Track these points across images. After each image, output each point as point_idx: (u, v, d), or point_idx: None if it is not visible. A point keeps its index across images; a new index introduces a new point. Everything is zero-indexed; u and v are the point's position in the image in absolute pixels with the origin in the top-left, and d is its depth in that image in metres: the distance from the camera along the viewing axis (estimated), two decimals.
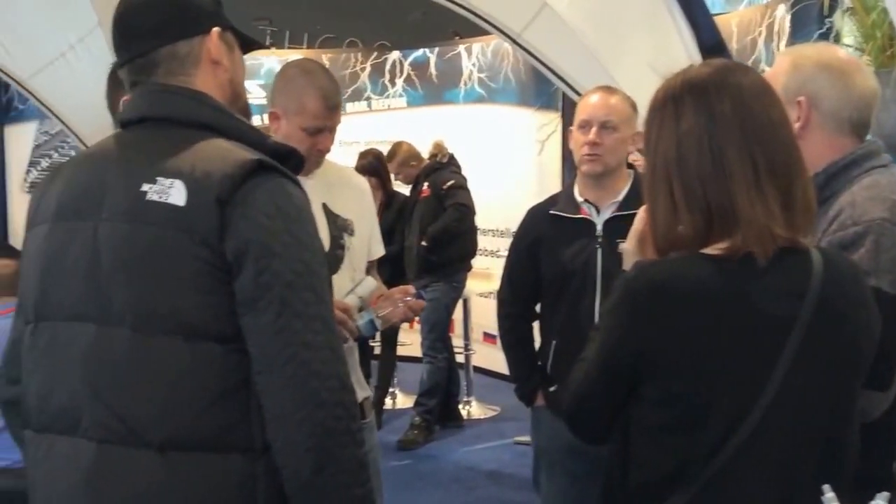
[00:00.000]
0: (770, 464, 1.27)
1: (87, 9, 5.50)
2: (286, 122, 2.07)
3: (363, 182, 2.43)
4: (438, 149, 5.16)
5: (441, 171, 5.02)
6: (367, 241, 2.32)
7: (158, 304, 1.24)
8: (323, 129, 2.06)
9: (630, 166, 2.47)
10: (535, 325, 2.56)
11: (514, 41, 3.61)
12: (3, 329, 2.69)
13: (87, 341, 1.28)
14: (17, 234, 7.10)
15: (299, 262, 1.26)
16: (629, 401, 1.32)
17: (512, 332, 2.54)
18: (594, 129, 2.29)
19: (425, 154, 5.21)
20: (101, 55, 5.81)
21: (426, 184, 5.01)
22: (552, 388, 2.41)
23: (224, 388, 1.24)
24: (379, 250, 2.40)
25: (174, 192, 1.25)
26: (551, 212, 2.43)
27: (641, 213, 1.45)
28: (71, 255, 1.31)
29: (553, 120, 5.62)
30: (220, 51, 1.40)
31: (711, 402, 1.25)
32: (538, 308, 2.54)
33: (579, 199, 2.39)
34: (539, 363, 2.48)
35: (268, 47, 1.76)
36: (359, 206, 2.30)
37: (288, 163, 1.35)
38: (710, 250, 1.29)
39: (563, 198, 2.45)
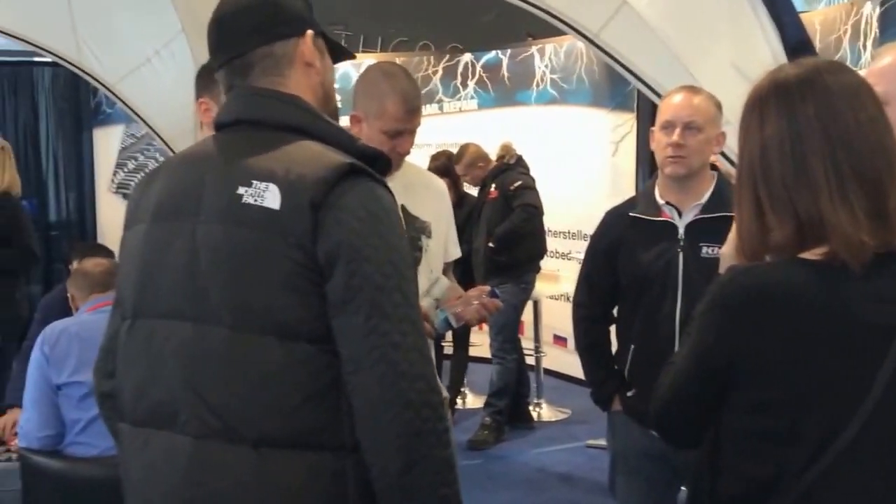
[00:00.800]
0: (869, 475, 1.22)
1: (172, 15, 5.65)
2: (367, 125, 2.08)
3: (441, 184, 2.43)
4: (506, 150, 5.14)
5: (508, 172, 5.00)
6: (443, 243, 2.32)
7: (253, 304, 1.26)
8: (403, 132, 2.06)
9: (714, 168, 2.40)
10: (612, 328, 2.52)
11: (590, 41, 3.54)
12: (93, 324, 2.79)
13: (184, 339, 1.31)
14: (105, 233, 7.31)
15: (388, 264, 1.26)
16: (720, 407, 1.29)
17: (588, 336, 2.49)
18: (678, 130, 2.24)
19: (494, 156, 5.19)
20: (183, 60, 5.97)
21: (493, 185, 4.99)
22: (630, 393, 2.37)
23: (315, 387, 1.26)
24: (455, 252, 2.39)
25: (269, 196, 1.27)
26: (631, 214, 2.38)
27: None
28: (169, 255, 1.34)
29: (628, 121, 5.54)
30: (313, 54, 1.42)
31: (808, 410, 1.21)
32: (615, 311, 2.50)
33: (660, 201, 2.33)
34: (616, 367, 2.43)
35: (353, 56, 1.78)
36: (437, 208, 2.30)
37: (375, 165, 1.36)
38: (809, 255, 1.24)
39: (644, 200, 2.39)
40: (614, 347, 2.48)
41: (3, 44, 7.35)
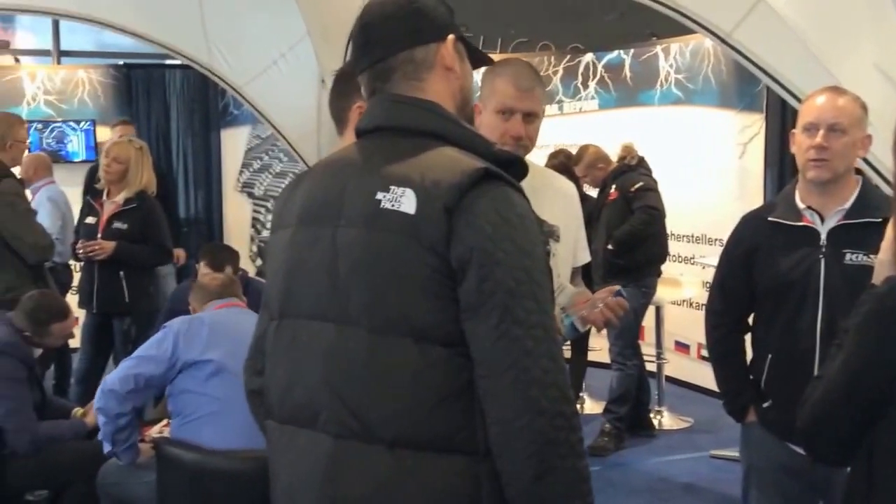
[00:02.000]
0: None
1: (297, 19, 5.83)
2: (484, 112, 2.06)
3: (570, 186, 2.40)
4: (627, 151, 5.06)
5: (630, 173, 4.92)
6: (572, 248, 2.28)
7: (391, 307, 1.29)
8: (514, 111, 2.02)
9: (858, 171, 2.31)
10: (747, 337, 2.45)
11: (722, 41, 3.46)
12: (219, 315, 2.92)
13: (328, 340, 1.35)
14: (230, 230, 7.63)
15: (521, 269, 1.27)
16: (876, 423, 1.24)
17: (723, 345, 2.43)
18: (821, 133, 2.16)
19: (614, 157, 5.13)
20: (308, 63, 6.16)
21: (614, 186, 4.92)
22: (766, 405, 2.30)
23: (449, 390, 1.28)
24: (585, 257, 2.35)
25: (405, 201, 1.30)
26: (769, 219, 2.31)
27: None
28: (312, 258, 1.38)
29: (756, 122, 5.36)
30: (454, 58, 1.44)
31: None
32: (750, 320, 2.43)
33: (801, 205, 2.25)
34: (751, 377, 2.36)
35: (491, 61, 1.79)
36: (565, 211, 2.25)
37: (510, 170, 1.37)
38: None
39: (783, 204, 2.32)
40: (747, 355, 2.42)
41: (138, 47, 7.78)
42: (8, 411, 2.99)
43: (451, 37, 1.44)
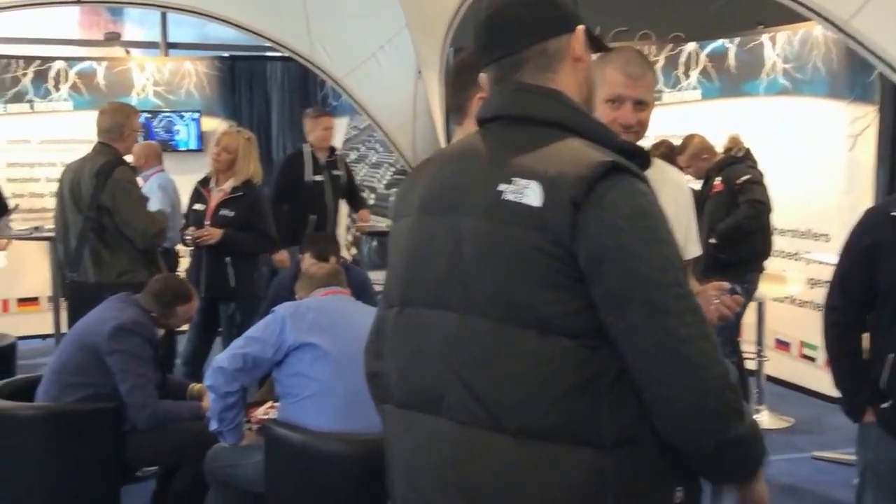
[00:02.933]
0: None
1: (397, 11, 5.89)
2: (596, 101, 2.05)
3: (680, 177, 2.36)
4: (734, 142, 4.93)
5: (736, 165, 4.80)
6: (682, 241, 2.24)
7: (514, 298, 1.29)
8: (624, 99, 1.99)
9: None
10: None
11: (839, 29, 3.34)
12: (324, 301, 2.99)
13: (449, 328, 1.36)
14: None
15: (662, 258, 1.26)
16: None
17: (841, 343, 2.36)
18: None
19: (719, 148, 5.00)
20: (406, 54, 6.23)
21: (718, 178, 4.81)
22: (885, 405, 2.22)
23: (573, 382, 1.27)
24: (695, 250, 2.30)
25: (530, 193, 1.29)
26: (893, 213, 2.22)
27: None
28: (434, 248, 1.39)
29: (868, 113, 5.14)
30: (583, 49, 1.43)
31: None
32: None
33: None
34: (870, 377, 2.28)
35: (609, 49, 1.78)
36: (675, 203, 2.19)
37: (635, 161, 1.35)
38: None
39: None
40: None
41: (241, 39, 8.00)
42: (133, 387, 3.13)
43: (580, 27, 1.43)
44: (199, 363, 4.68)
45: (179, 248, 5.38)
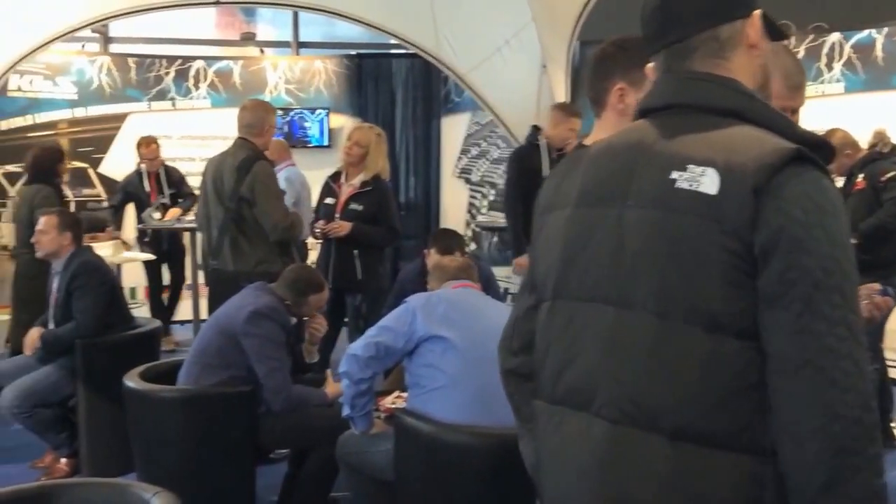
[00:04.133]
0: None
1: (523, 6, 5.86)
2: None
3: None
4: (879, 137, 4.66)
5: (880, 161, 4.54)
6: None
7: (681, 292, 1.23)
8: (784, 110, 1.93)
9: None
10: None
11: None
12: (455, 293, 3.00)
13: (605, 323, 1.31)
14: (447, 215, 7.84)
15: (831, 259, 1.17)
16: None
17: None
18: None
19: (862, 144, 4.74)
20: (531, 49, 6.19)
21: (861, 175, 4.55)
22: None
23: (738, 385, 1.20)
24: None
25: (705, 180, 1.23)
26: None
27: None
28: (593, 240, 1.35)
29: None
30: (759, 35, 1.36)
31: None
32: None
33: None
34: None
35: (787, 36, 1.71)
36: None
37: (818, 154, 1.26)
38: None
39: None
40: None
41: (367, 37, 8.17)
42: (269, 371, 3.25)
43: (756, 12, 1.37)
44: (327, 352, 4.79)
45: (309, 240, 5.55)
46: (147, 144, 6.59)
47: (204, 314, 5.31)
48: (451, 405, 2.73)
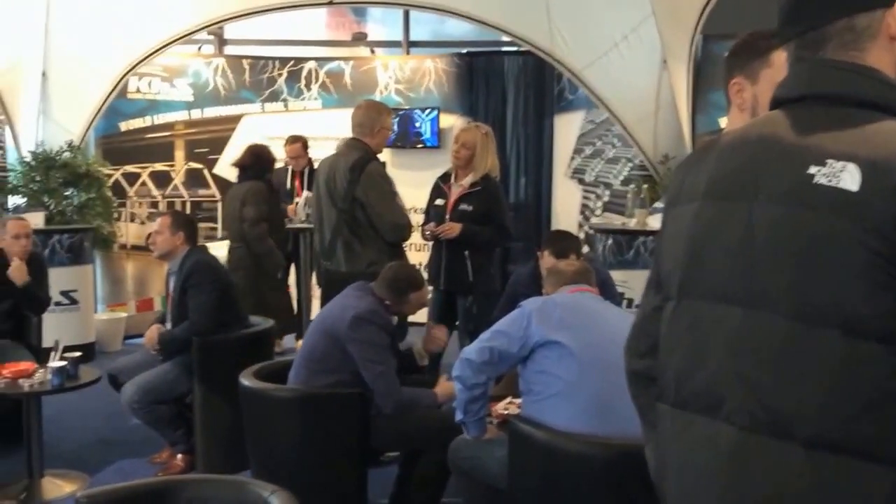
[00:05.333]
0: None
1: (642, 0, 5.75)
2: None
3: None
4: None
5: None
6: None
7: (816, 293, 1.19)
8: None
9: None
10: None
11: None
12: (570, 298, 2.96)
13: (734, 325, 1.28)
14: (559, 216, 7.77)
15: None
16: None
17: None
18: None
19: None
20: (650, 44, 6.08)
21: None
22: None
23: (882, 392, 1.15)
24: None
25: (845, 176, 1.18)
26: None
27: None
28: (721, 236, 1.32)
29: None
30: None
31: None
32: None
33: None
34: None
35: None
36: None
37: None
38: None
39: None
40: None
41: (478, 35, 8.19)
42: (377, 375, 3.30)
43: None
44: (437, 354, 4.83)
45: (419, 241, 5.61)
46: (289, 143, 6.81)
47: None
48: (567, 413, 2.70)
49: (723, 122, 6.27)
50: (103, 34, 6.79)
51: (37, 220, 6.16)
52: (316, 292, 6.19)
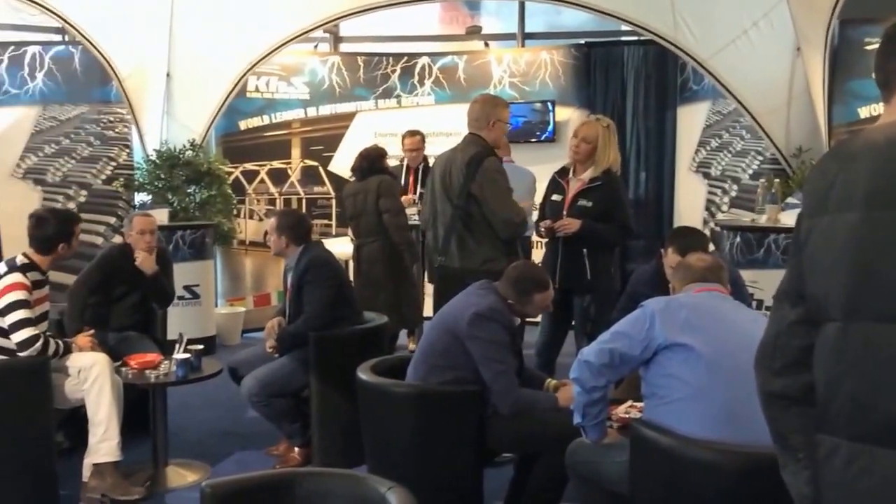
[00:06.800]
0: None
1: None
2: None
3: None
4: None
5: None
6: None
7: None
8: None
9: None
10: None
11: None
12: (698, 297, 2.87)
13: None
14: (682, 213, 7.58)
15: None
16: None
17: None
18: None
19: None
20: (783, 30, 5.86)
21: None
22: None
23: None
24: None
25: None
26: None
27: None
28: (892, 251, 1.24)
29: None
30: None
31: None
32: None
33: None
34: None
35: None
36: None
37: None
38: None
39: None
40: None
41: (596, 25, 8.09)
42: (495, 374, 3.31)
43: None
44: (553, 355, 4.81)
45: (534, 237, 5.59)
46: (409, 136, 6.86)
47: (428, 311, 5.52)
48: (692, 418, 2.64)
49: (863, 112, 5.98)
50: (224, 35, 7.07)
51: (162, 216, 6.47)
52: (427, 289, 6.29)
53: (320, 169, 8.27)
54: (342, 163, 7.97)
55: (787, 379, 1.43)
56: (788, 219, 5.63)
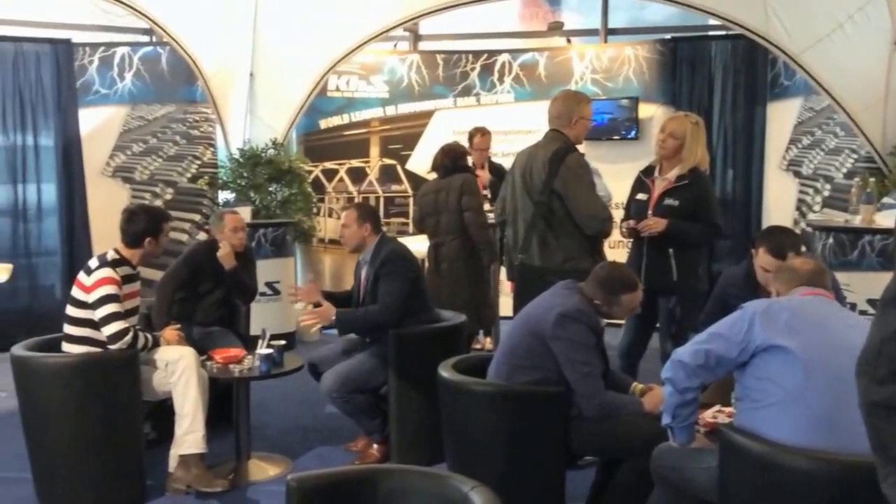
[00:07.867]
0: None
1: None
2: None
3: None
4: None
5: None
6: None
7: None
8: None
9: None
10: None
11: None
12: (802, 300, 2.79)
13: None
14: (771, 213, 7.38)
15: None
16: None
17: None
18: None
19: None
20: (880, 24, 5.66)
21: None
22: None
23: None
24: None
25: None
26: None
27: None
28: None
29: None
30: None
31: None
32: None
33: None
34: None
35: None
36: None
37: None
38: None
39: None
40: None
41: (682, 19, 7.96)
42: (581, 376, 3.28)
43: None
44: (636, 357, 4.74)
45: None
46: (481, 134, 6.76)
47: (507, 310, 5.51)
48: (787, 424, 2.57)
49: None
50: (305, 35, 7.19)
51: (245, 214, 6.62)
52: (503, 288, 6.27)
53: (398, 167, 8.34)
54: (420, 161, 8.02)
55: (892, 387, 1.39)
56: (884, 219, 5.44)
